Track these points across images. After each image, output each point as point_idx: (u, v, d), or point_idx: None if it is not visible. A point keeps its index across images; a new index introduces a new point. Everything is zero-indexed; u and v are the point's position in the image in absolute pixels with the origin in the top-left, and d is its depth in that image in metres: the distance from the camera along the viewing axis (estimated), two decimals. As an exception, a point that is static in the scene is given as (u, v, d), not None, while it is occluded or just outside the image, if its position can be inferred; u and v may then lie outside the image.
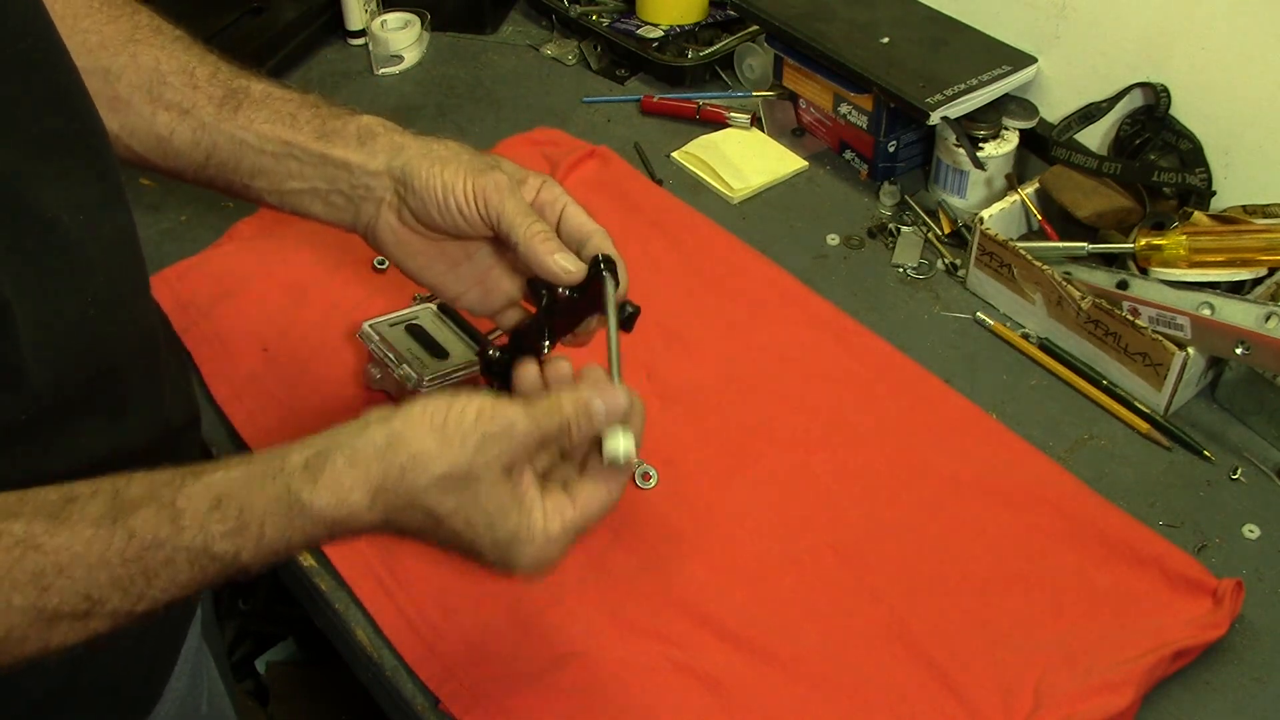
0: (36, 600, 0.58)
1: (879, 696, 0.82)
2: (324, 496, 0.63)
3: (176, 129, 0.83)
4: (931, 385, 1.04)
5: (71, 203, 0.67)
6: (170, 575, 0.61)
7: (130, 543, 0.60)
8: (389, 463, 0.64)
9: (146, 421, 0.77)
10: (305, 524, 0.63)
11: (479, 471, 0.65)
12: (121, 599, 0.61)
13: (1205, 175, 1.13)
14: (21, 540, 0.58)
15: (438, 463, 0.64)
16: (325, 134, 0.82)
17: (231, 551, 0.62)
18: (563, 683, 0.83)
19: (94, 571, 0.59)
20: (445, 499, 0.65)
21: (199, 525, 0.61)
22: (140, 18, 0.85)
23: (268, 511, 0.62)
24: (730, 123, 1.35)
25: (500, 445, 0.66)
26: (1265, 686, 0.84)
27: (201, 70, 0.83)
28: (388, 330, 1.01)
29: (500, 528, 0.67)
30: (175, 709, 0.86)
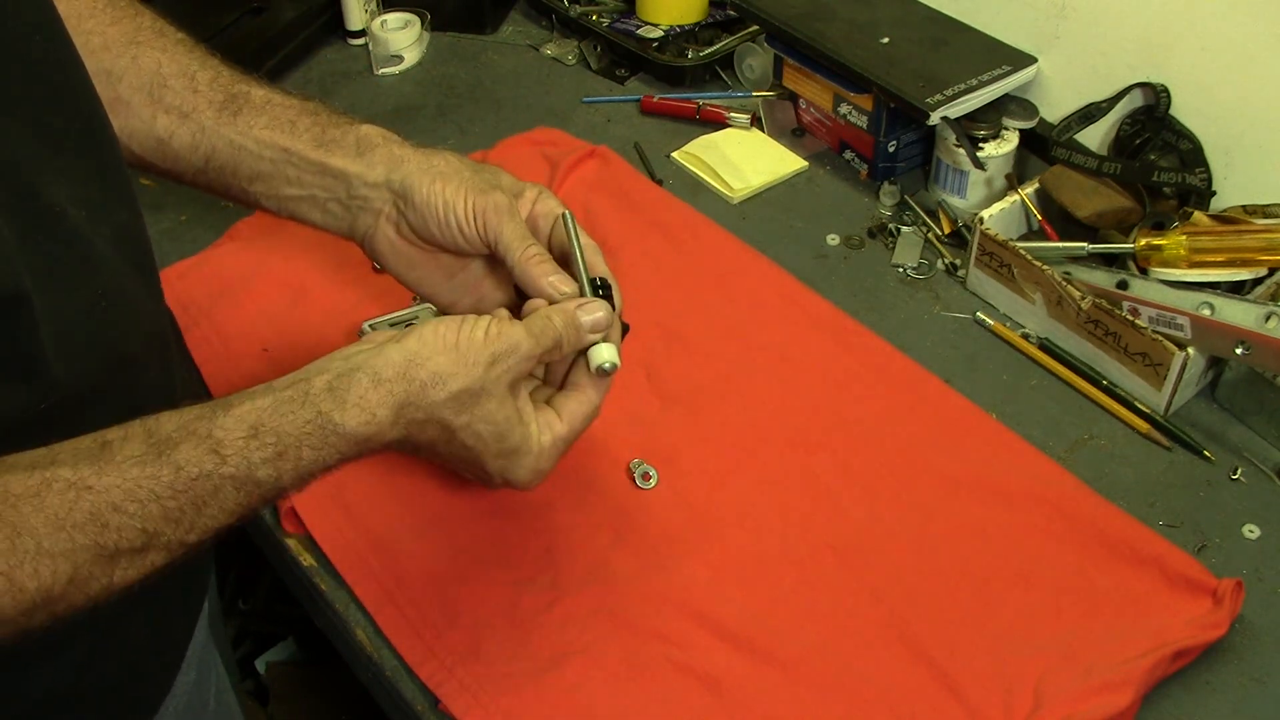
0: (98, 538, 0.61)
1: (879, 696, 0.82)
2: (354, 416, 0.68)
3: (176, 132, 0.84)
4: (931, 385, 1.04)
5: (76, 198, 0.68)
6: (219, 504, 0.65)
7: (178, 475, 0.63)
8: (410, 380, 0.70)
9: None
10: (339, 443, 0.68)
11: (490, 388, 0.72)
12: (174, 530, 0.63)
13: (1205, 175, 1.13)
14: (74, 484, 0.60)
15: (454, 379, 0.71)
16: (324, 142, 0.83)
17: (273, 476, 0.66)
18: (563, 683, 0.83)
19: (147, 506, 0.62)
20: (461, 413, 0.71)
21: (240, 455, 0.65)
22: (143, 20, 0.85)
23: (303, 436, 0.67)
24: (730, 123, 1.35)
25: (507, 362, 0.73)
26: (1265, 686, 0.84)
27: (203, 74, 0.84)
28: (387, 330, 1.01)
29: (507, 439, 0.74)
30: (184, 704, 0.86)
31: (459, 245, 0.82)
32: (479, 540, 0.91)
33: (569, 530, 0.92)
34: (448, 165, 0.83)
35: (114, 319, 0.70)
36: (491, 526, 0.92)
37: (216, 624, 1.00)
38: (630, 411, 1.01)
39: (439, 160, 0.83)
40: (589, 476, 0.96)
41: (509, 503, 0.93)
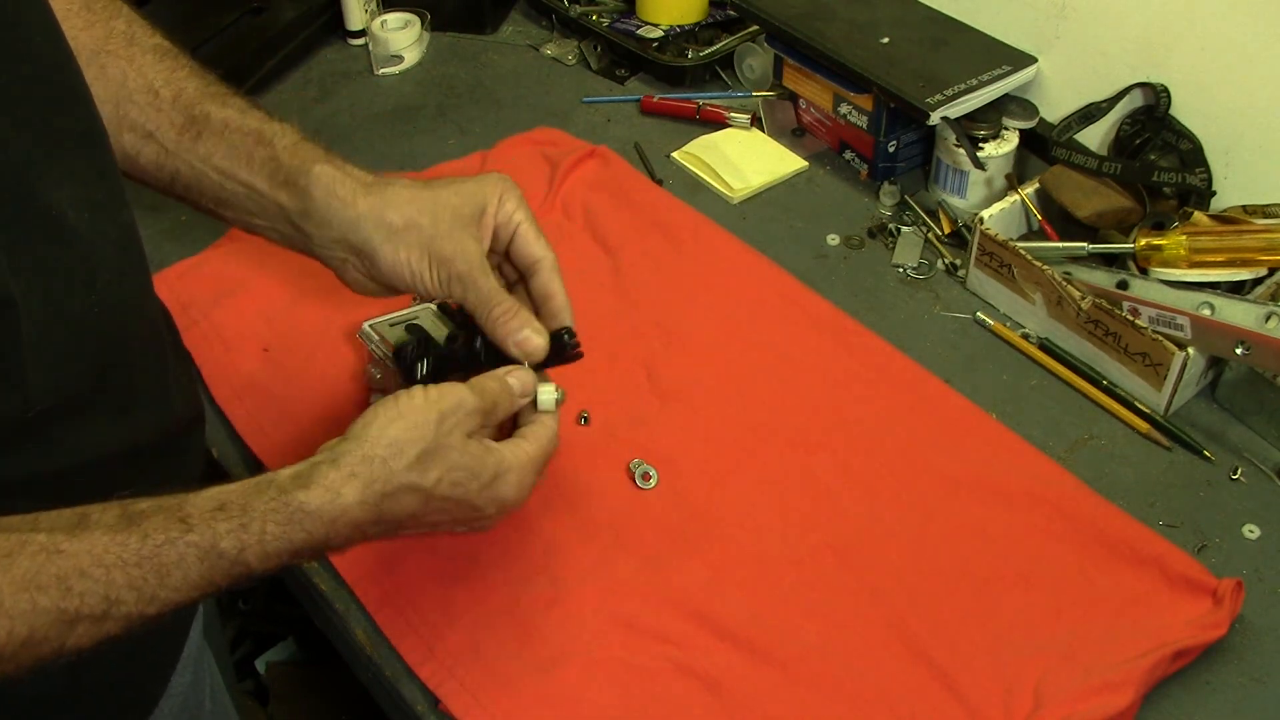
0: (60, 601, 0.61)
1: (879, 696, 0.82)
2: (318, 495, 0.69)
3: (142, 150, 0.83)
4: (931, 385, 1.04)
5: (78, 200, 0.68)
6: (182, 574, 0.65)
7: (145, 543, 0.64)
8: (370, 459, 0.71)
9: (154, 418, 0.77)
10: (304, 522, 0.69)
11: (446, 441, 0.74)
12: (135, 599, 0.64)
13: (1205, 175, 1.13)
14: (45, 547, 0.61)
15: (411, 445, 0.73)
16: (278, 183, 0.82)
17: (237, 548, 0.66)
18: (563, 683, 0.83)
19: (112, 573, 0.63)
20: (427, 472, 0.73)
21: (206, 524, 0.66)
22: (116, 24, 0.84)
23: (268, 512, 0.68)
24: (730, 123, 1.35)
25: (456, 416, 0.75)
26: (1265, 686, 0.84)
27: (166, 90, 0.83)
28: (388, 330, 1.01)
29: (482, 473, 0.76)
30: (179, 705, 0.86)
31: (425, 295, 0.84)
32: (479, 540, 0.91)
33: (569, 530, 0.92)
34: (406, 223, 0.82)
35: (109, 324, 0.70)
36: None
37: (212, 625, 0.99)
38: (630, 411, 1.01)
39: (395, 216, 0.82)
40: (589, 476, 0.96)
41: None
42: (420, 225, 0.82)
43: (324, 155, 0.83)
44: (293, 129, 0.84)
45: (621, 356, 1.06)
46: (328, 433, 0.98)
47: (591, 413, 1.01)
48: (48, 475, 0.69)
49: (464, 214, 0.83)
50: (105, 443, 0.72)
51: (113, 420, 0.73)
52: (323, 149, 0.84)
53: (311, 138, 0.85)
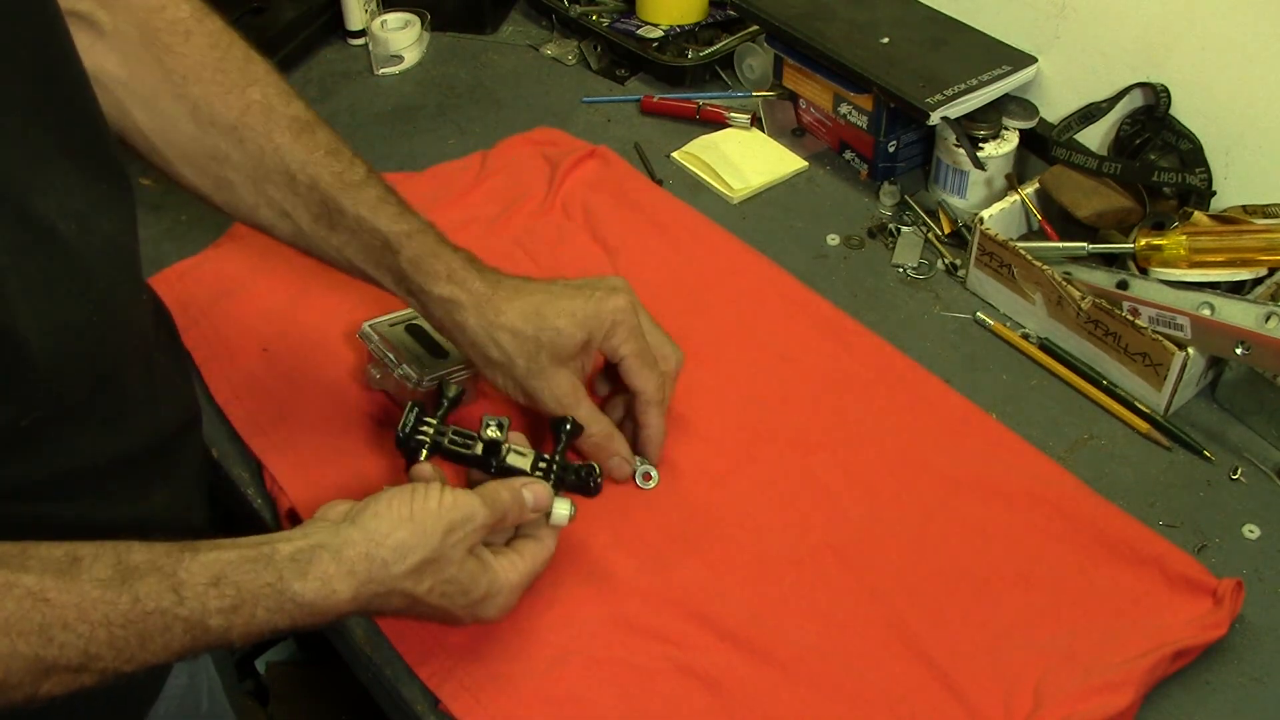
0: (39, 650, 0.61)
1: (879, 696, 0.82)
2: (313, 588, 0.70)
3: (277, 225, 0.87)
4: (931, 385, 1.04)
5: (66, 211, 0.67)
6: (164, 642, 0.66)
7: (134, 607, 0.64)
8: (372, 559, 0.72)
9: (142, 426, 0.77)
10: (294, 610, 0.70)
11: (448, 554, 0.75)
12: (114, 658, 0.64)
13: (1205, 175, 1.13)
14: (33, 593, 0.61)
15: (414, 552, 0.74)
16: (402, 290, 0.89)
17: (223, 627, 0.67)
18: (563, 683, 0.83)
19: (95, 630, 0.63)
20: (422, 581, 0.74)
21: (198, 599, 0.66)
22: (253, 93, 0.84)
23: (260, 596, 0.69)
24: (730, 123, 1.35)
25: (464, 530, 0.76)
26: (1265, 686, 0.84)
27: (301, 176, 0.85)
28: (388, 330, 1.01)
29: (472, 593, 0.78)
30: (175, 705, 0.86)
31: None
32: (479, 540, 0.91)
33: (569, 530, 0.92)
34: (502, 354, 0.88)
35: (104, 333, 0.70)
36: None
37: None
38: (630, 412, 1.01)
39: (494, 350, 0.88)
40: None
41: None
42: (515, 364, 0.88)
43: (444, 273, 0.87)
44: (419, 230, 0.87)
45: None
46: (327, 432, 0.98)
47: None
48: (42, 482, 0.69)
49: (564, 349, 0.88)
50: (98, 451, 0.72)
51: (105, 428, 0.72)
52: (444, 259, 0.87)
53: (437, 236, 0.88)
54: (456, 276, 0.87)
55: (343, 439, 0.98)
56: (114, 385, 0.73)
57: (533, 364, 0.87)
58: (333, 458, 0.96)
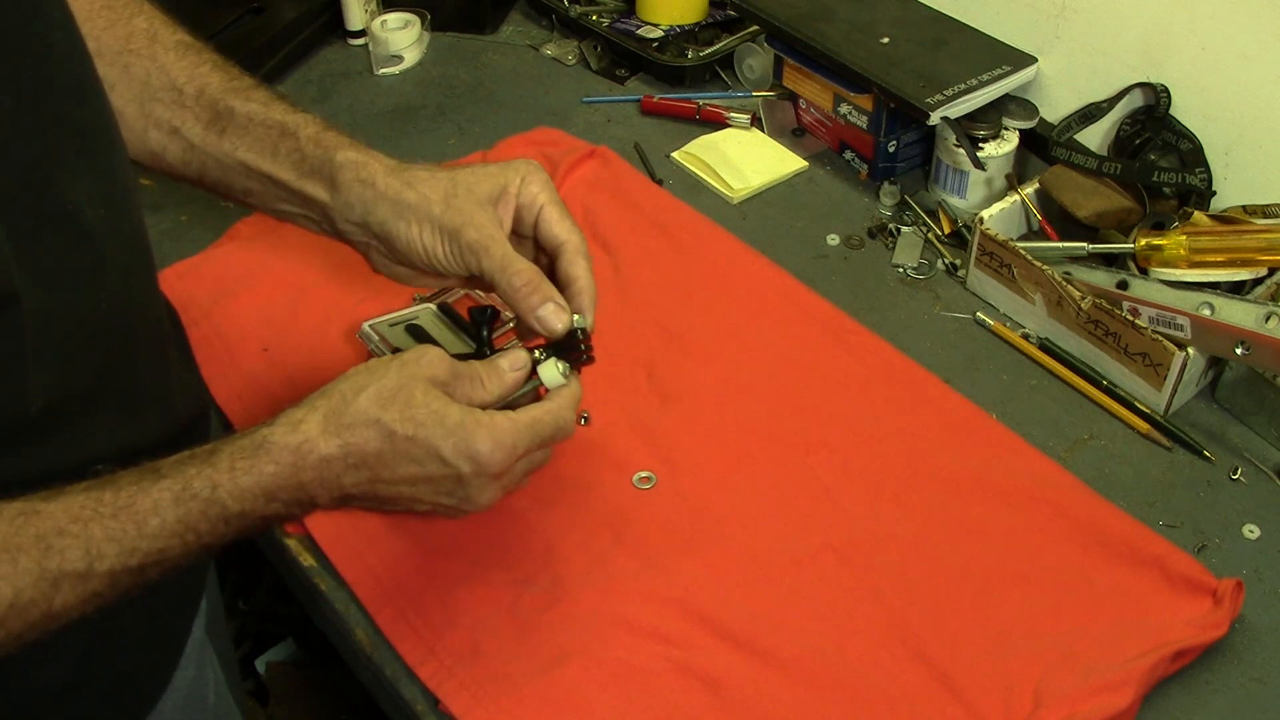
0: (41, 560, 0.62)
1: (879, 696, 0.82)
2: (280, 429, 0.71)
3: (168, 147, 0.84)
4: (931, 385, 1.04)
5: (95, 196, 0.68)
6: (159, 520, 0.66)
7: (119, 495, 0.65)
8: (329, 394, 0.73)
9: (157, 418, 0.77)
10: (270, 452, 0.70)
11: (405, 382, 0.74)
12: (117, 553, 0.64)
13: (1205, 175, 1.13)
14: (22, 510, 0.62)
15: (371, 382, 0.74)
16: (303, 173, 0.83)
17: (209, 486, 0.68)
18: (563, 683, 0.83)
19: (89, 527, 0.63)
20: (387, 408, 0.73)
21: (176, 468, 0.68)
22: (137, 22, 0.84)
23: (235, 451, 0.70)
24: (730, 123, 1.35)
25: (417, 364, 0.75)
26: (1265, 686, 0.84)
27: (189, 87, 0.83)
28: (388, 330, 1.01)
29: (446, 419, 0.74)
30: (182, 700, 0.87)
31: (447, 274, 0.84)
32: (479, 540, 0.91)
33: (569, 530, 0.92)
34: (419, 200, 0.82)
35: (115, 322, 0.71)
36: (491, 527, 0.92)
37: (216, 621, 1.00)
38: (630, 411, 1.01)
39: (410, 195, 0.82)
40: (589, 476, 0.96)
41: (509, 502, 0.93)
42: (431, 200, 0.81)
43: (349, 143, 0.84)
44: (316, 119, 0.85)
45: (621, 356, 1.05)
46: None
47: (591, 413, 1.01)
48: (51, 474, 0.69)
49: (480, 192, 0.83)
50: (108, 443, 0.72)
51: (116, 420, 0.73)
52: (347, 136, 0.84)
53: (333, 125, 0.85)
54: (359, 147, 0.84)
55: (343, 439, 0.98)
56: (126, 376, 0.73)
57: (452, 200, 0.81)
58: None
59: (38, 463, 0.68)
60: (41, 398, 0.66)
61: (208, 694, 0.92)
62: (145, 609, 0.78)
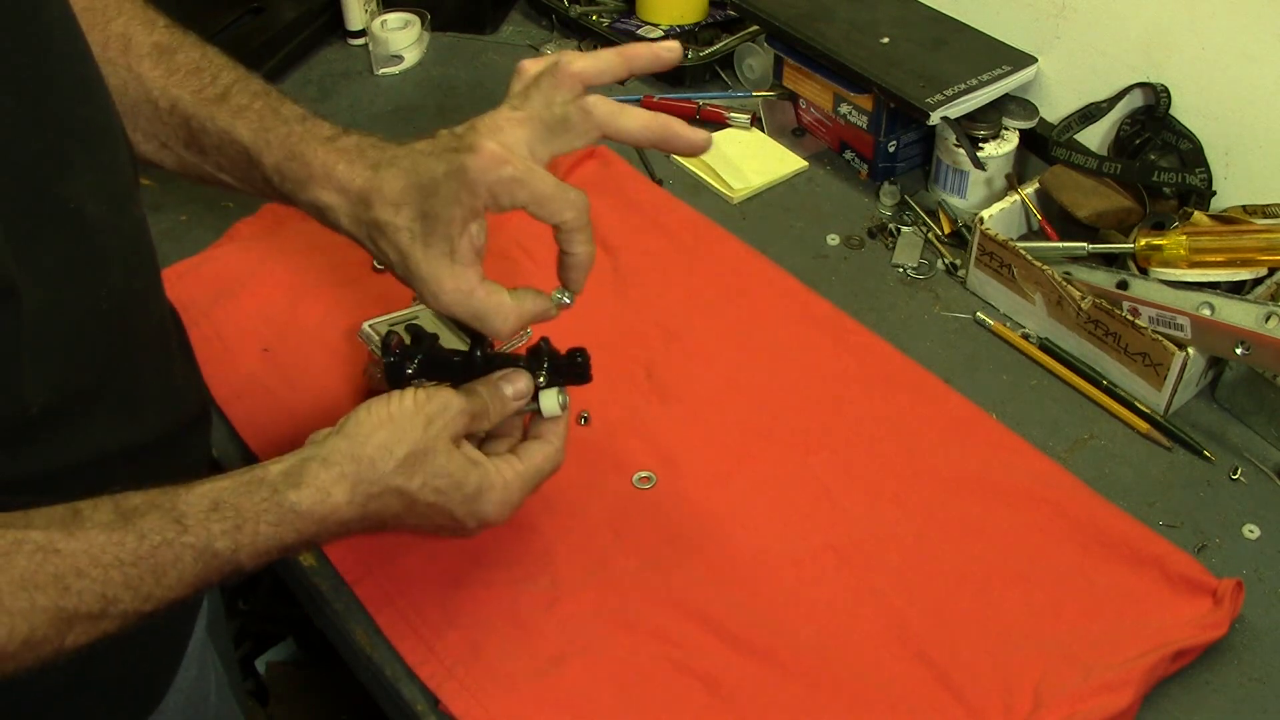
0: (58, 600, 0.62)
1: (879, 696, 0.82)
2: (309, 495, 0.71)
3: (162, 157, 0.84)
4: (931, 385, 1.04)
5: (97, 193, 0.68)
6: (177, 573, 0.66)
7: (141, 543, 0.64)
8: (358, 459, 0.73)
9: (159, 416, 0.77)
10: (294, 520, 0.70)
11: (433, 445, 0.75)
12: (132, 598, 0.65)
13: (1205, 175, 1.13)
14: (42, 546, 0.62)
15: (399, 446, 0.73)
16: (285, 199, 0.81)
17: (230, 549, 0.67)
18: (563, 683, 0.83)
19: (109, 571, 0.63)
20: (413, 476, 0.74)
21: (201, 525, 0.66)
22: (113, 27, 0.82)
23: (260, 512, 0.69)
24: (730, 123, 1.35)
25: (443, 419, 0.75)
26: (1265, 686, 0.84)
27: (163, 102, 0.81)
28: (387, 330, 1.01)
29: (466, 485, 0.76)
30: (184, 701, 0.87)
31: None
32: (479, 540, 0.91)
33: (569, 530, 0.92)
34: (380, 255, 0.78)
35: (116, 319, 0.71)
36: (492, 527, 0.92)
37: (218, 623, 1.00)
38: (630, 411, 1.01)
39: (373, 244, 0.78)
40: (589, 476, 0.96)
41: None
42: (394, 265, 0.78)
43: (306, 175, 0.78)
44: (283, 135, 0.79)
45: (621, 356, 1.05)
46: (328, 433, 0.98)
47: (591, 413, 1.01)
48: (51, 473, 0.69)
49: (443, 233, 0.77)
50: (109, 441, 0.72)
51: (117, 418, 0.73)
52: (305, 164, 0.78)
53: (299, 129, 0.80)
54: (319, 177, 0.77)
55: (343, 439, 0.98)
56: (127, 373, 0.73)
57: (407, 261, 0.76)
58: (333, 458, 0.96)
59: (38, 461, 0.68)
60: (42, 396, 0.66)
61: (209, 694, 0.92)
62: None
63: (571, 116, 0.80)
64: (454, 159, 0.74)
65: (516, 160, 0.75)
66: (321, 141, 0.78)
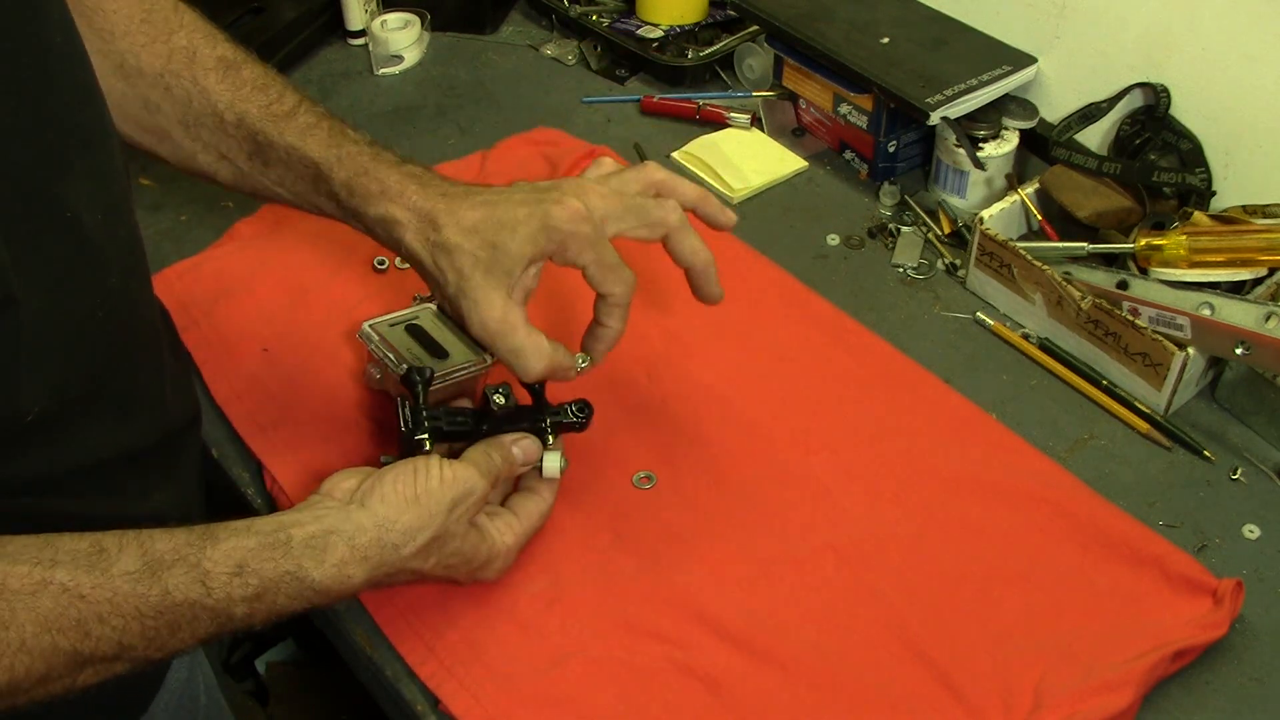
0: (78, 645, 0.63)
1: (879, 696, 0.82)
2: (330, 575, 0.73)
3: (218, 169, 0.87)
4: (931, 385, 1.04)
5: (93, 199, 0.68)
6: (191, 630, 0.68)
7: (165, 599, 0.66)
8: (384, 545, 0.75)
9: (152, 419, 0.77)
10: (310, 595, 0.73)
11: (453, 529, 0.79)
12: (146, 647, 0.67)
13: (1205, 175, 1.13)
14: (69, 589, 0.63)
15: (422, 532, 0.77)
16: (344, 216, 0.86)
17: (246, 614, 0.70)
18: (563, 683, 0.83)
19: (129, 622, 0.65)
20: (429, 558, 0.78)
21: (224, 589, 0.69)
22: (177, 40, 0.84)
23: (281, 584, 0.71)
24: (730, 123, 1.35)
25: (466, 504, 0.79)
26: (1265, 686, 0.84)
27: (229, 115, 0.84)
28: (388, 330, 1.01)
29: (475, 560, 0.81)
30: (174, 701, 0.87)
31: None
32: (479, 540, 0.91)
33: (569, 530, 0.92)
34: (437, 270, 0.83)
35: (111, 326, 0.70)
36: (491, 526, 0.92)
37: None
38: (630, 411, 1.01)
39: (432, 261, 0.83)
40: (589, 476, 0.96)
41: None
42: (447, 281, 0.83)
43: (379, 190, 0.83)
44: (353, 150, 0.84)
45: (621, 356, 1.05)
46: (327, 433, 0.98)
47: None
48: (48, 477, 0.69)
49: (505, 267, 0.81)
50: (105, 445, 0.72)
51: (111, 423, 0.73)
52: (378, 180, 0.83)
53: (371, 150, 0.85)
54: (391, 193, 0.82)
55: (343, 439, 0.98)
56: (121, 380, 0.73)
57: (463, 282, 0.80)
58: (333, 458, 0.96)
59: (34, 465, 0.68)
60: (39, 402, 0.66)
61: (199, 696, 0.92)
62: None
63: (649, 208, 0.84)
64: (539, 205, 0.80)
65: (595, 222, 0.81)
66: (391, 164, 0.84)
